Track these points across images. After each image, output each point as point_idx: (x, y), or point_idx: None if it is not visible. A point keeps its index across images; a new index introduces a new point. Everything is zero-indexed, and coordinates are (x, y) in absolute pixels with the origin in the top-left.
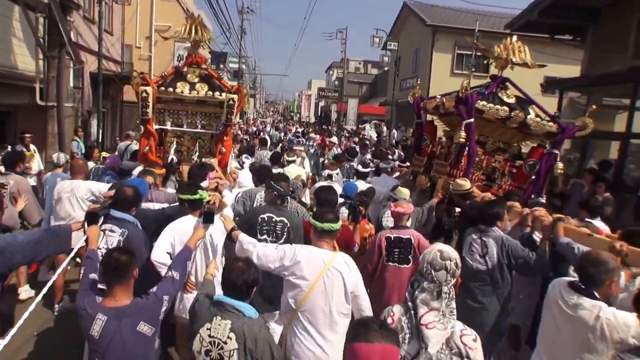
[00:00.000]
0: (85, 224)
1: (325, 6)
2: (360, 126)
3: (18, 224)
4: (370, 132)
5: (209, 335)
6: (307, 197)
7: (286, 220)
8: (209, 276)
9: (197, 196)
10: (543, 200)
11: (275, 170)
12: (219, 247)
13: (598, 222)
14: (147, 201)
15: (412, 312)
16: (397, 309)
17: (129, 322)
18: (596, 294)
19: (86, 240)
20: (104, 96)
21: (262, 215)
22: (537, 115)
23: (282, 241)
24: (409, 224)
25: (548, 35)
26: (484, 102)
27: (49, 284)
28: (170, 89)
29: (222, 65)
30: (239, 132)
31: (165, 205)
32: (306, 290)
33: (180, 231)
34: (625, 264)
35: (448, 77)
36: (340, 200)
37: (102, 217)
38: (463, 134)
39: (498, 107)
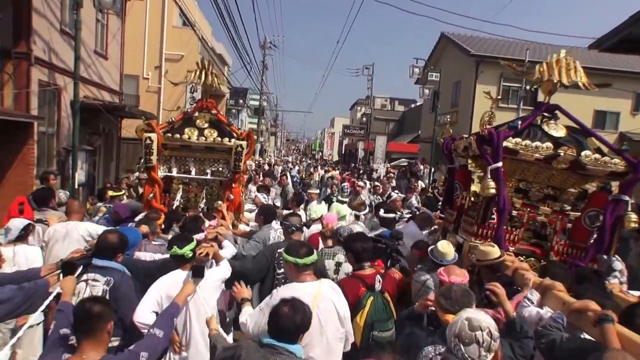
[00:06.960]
0: (61, 275)
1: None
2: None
3: None
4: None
5: None
6: None
7: None
8: (214, 332)
9: (180, 252)
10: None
11: (297, 211)
12: (211, 302)
13: None
14: (140, 251)
15: None
16: None
17: None
18: None
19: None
20: (94, 131)
21: (279, 250)
22: (597, 151)
23: None
24: None
25: None
26: (517, 140)
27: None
28: (177, 135)
29: (241, 101)
30: (257, 172)
31: (158, 256)
32: None
33: (167, 287)
34: None
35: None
36: None
37: (82, 267)
38: (492, 183)
39: (538, 143)
